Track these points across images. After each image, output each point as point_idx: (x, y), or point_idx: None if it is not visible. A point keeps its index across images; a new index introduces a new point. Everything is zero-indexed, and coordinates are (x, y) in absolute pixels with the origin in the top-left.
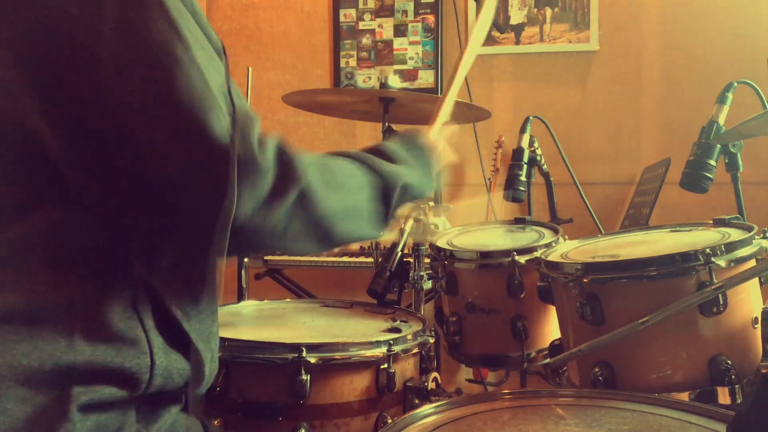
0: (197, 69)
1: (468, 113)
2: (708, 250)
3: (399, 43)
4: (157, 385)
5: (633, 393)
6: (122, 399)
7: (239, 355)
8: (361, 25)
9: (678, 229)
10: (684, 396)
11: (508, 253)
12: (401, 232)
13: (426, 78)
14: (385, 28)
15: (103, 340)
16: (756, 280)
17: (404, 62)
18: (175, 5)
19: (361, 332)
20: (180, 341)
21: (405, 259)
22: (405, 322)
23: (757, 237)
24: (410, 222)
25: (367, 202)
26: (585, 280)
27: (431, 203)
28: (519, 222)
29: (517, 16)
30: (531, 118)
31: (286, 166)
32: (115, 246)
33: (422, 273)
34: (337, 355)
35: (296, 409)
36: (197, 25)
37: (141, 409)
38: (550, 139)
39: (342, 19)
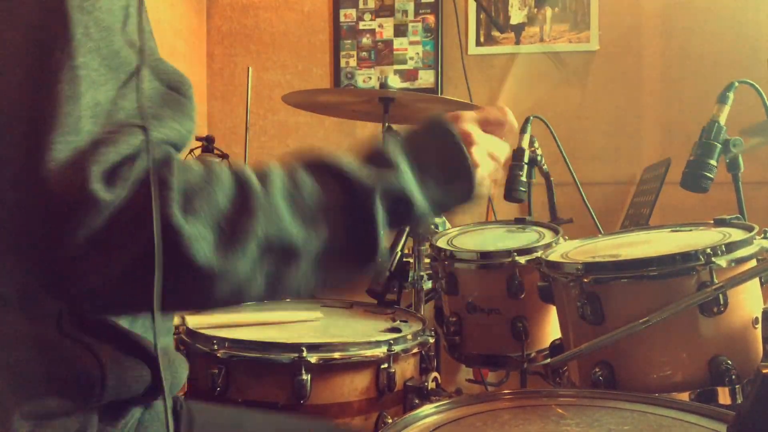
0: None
1: None
2: (708, 250)
3: (399, 43)
4: (112, 393)
5: (633, 393)
6: (77, 407)
7: (239, 355)
8: (361, 25)
9: (678, 229)
10: (684, 396)
11: (508, 253)
12: (400, 231)
13: (426, 78)
14: (385, 28)
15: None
16: (756, 280)
17: (404, 62)
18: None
19: (361, 332)
20: (131, 347)
21: (405, 260)
22: (405, 322)
23: (757, 237)
24: None
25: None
26: (585, 280)
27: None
28: (519, 222)
29: (517, 16)
30: (531, 118)
31: (146, 194)
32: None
33: (422, 273)
34: (337, 354)
35: (296, 409)
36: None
37: (104, 412)
38: (550, 139)
39: (342, 19)
